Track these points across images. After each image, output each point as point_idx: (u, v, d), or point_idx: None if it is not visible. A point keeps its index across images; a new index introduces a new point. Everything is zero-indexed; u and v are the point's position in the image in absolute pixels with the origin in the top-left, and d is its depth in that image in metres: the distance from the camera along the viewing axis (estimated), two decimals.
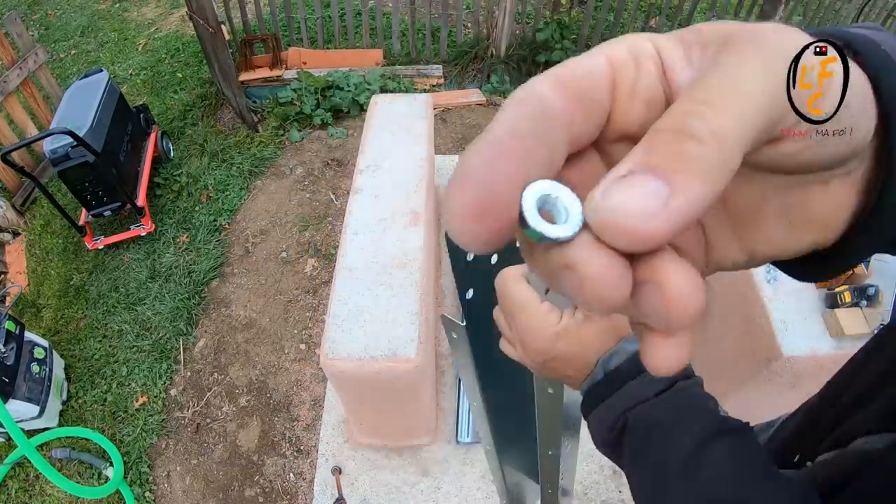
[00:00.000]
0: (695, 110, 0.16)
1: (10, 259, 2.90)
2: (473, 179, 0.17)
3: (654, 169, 0.15)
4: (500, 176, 0.17)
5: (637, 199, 0.15)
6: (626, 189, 0.15)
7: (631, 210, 0.15)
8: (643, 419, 0.45)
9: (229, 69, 3.08)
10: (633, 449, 0.46)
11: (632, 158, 0.16)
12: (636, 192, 0.15)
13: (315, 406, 2.25)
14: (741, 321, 1.59)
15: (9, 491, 2.18)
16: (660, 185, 0.15)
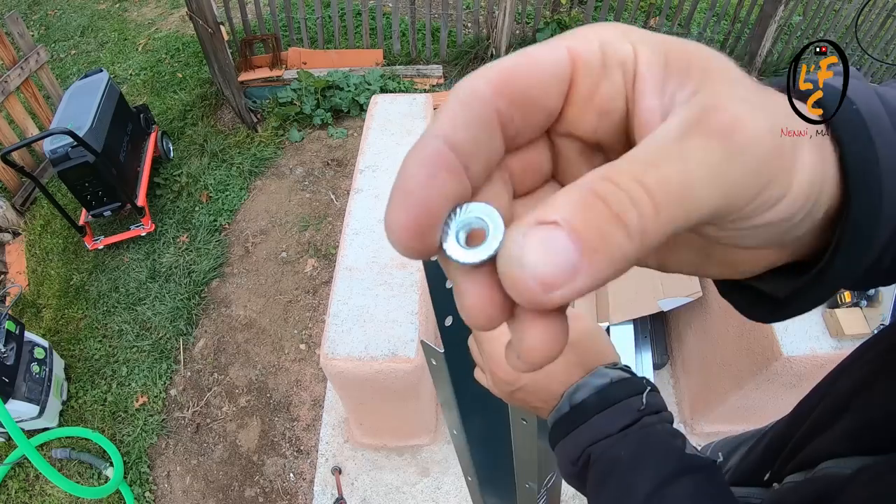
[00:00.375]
0: (640, 198, 0.15)
1: (10, 259, 2.90)
2: (413, 199, 0.17)
3: (577, 236, 0.15)
4: (438, 197, 0.17)
5: (548, 266, 0.15)
6: (543, 247, 0.15)
7: (539, 274, 0.15)
8: (605, 455, 0.45)
9: (229, 69, 3.08)
10: (595, 484, 0.45)
11: (562, 208, 0.15)
12: (551, 257, 0.15)
13: (315, 406, 2.25)
14: (741, 321, 1.60)
15: (9, 491, 2.18)
16: (575, 257, 0.15)
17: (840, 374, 0.45)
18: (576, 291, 0.15)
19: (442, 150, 0.17)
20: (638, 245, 0.15)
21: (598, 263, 0.15)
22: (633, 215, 0.15)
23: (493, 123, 0.18)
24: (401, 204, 0.17)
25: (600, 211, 0.15)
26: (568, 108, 0.19)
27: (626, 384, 0.47)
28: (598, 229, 0.15)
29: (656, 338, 2.05)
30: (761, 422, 0.66)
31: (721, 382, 1.74)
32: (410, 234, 0.17)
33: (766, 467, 0.49)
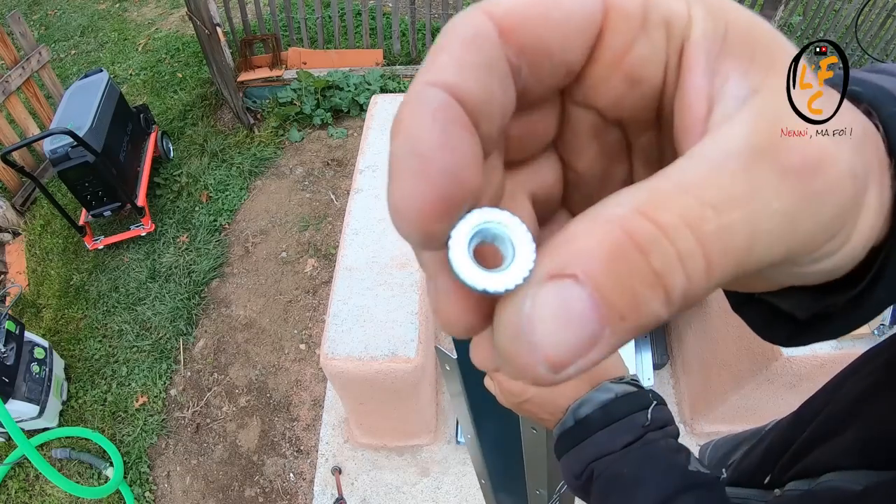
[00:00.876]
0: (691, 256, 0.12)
1: (10, 259, 2.90)
2: (433, 165, 0.12)
3: (602, 301, 0.12)
4: (468, 162, 0.13)
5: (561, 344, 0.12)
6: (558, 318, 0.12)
7: (549, 353, 0.12)
8: (608, 472, 0.44)
9: (226, 70, 3.08)
10: (598, 500, 0.45)
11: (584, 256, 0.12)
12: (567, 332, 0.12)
13: (315, 406, 2.25)
14: (741, 321, 1.59)
15: (9, 491, 2.18)
16: (595, 328, 0.12)
17: (844, 380, 0.44)
18: (587, 366, 0.12)
19: (450, 102, 0.13)
20: (674, 312, 0.12)
21: (622, 333, 0.12)
22: (680, 279, 0.12)
23: (506, 74, 0.14)
24: (416, 172, 0.12)
25: (636, 266, 0.12)
26: (590, 67, 0.15)
27: (631, 399, 0.47)
28: (631, 293, 0.12)
29: (656, 338, 2.05)
30: (761, 422, 0.66)
31: (721, 382, 1.74)
32: (433, 212, 0.12)
33: (766, 470, 0.49)
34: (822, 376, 1.45)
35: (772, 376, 1.50)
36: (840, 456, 0.38)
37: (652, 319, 0.12)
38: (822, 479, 0.38)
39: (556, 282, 0.12)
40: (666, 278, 0.12)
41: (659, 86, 0.15)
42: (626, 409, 0.46)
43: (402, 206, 0.13)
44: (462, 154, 0.13)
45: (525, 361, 0.12)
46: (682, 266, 0.12)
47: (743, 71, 0.14)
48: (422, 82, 0.13)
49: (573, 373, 0.12)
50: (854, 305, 0.18)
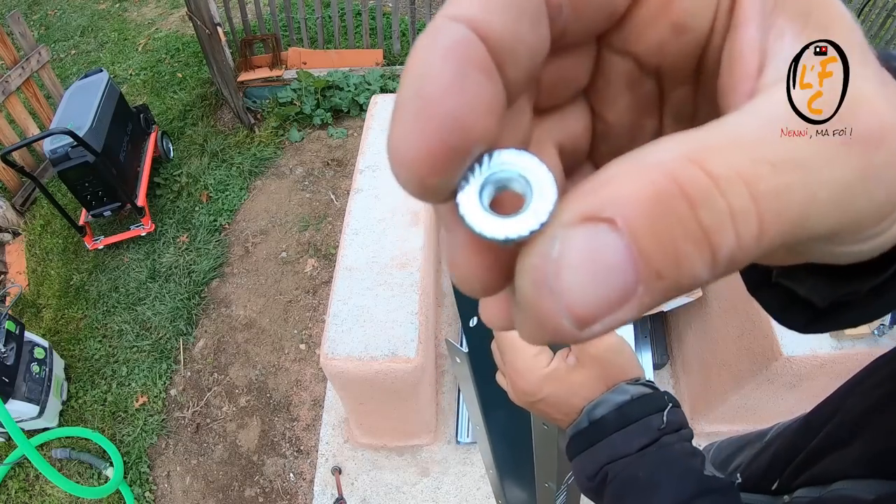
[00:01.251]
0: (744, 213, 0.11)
1: (10, 259, 2.90)
2: (438, 108, 0.11)
3: (641, 253, 0.11)
4: (477, 107, 0.11)
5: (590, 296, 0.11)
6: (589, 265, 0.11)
7: (576, 306, 0.11)
8: (623, 475, 0.44)
9: (227, 70, 3.08)
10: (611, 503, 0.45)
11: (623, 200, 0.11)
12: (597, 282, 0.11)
13: (315, 406, 2.25)
14: (741, 321, 1.59)
15: (9, 491, 2.18)
16: (629, 281, 0.11)
17: (852, 388, 0.44)
18: (613, 325, 0.11)
19: (471, 40, 0.12)
20: (716, 277, 0.11)
21: (656, 293, 0.11)
22: (729, 239, 0.11)
23: (541, 12, 0.13)
24: (418, 115, 0.11)
25: (682, 218, 0.10)
26: (635, 11, 0.14)
27: (647, 401, 0.46)
28: (674, 249, 0.10)
29: (656, 338, 2.05)
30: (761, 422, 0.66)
31: (721, 382, 1.74)
32: (433, 161, 0.11)
33: (774, 476, 0.49)
34: (822, 376, 1.46)
35: (772, 376, 1.50)
36: (851, 465, 0.38)
37: (691, 282, 0.11)
38: (832, 488, 0.38)
39: (590, 225, 0.11)
40: (714, 236, 0.10)
41: (705, 36, 0.14)
42: (641, 411, 0.46)
43: (399, 151, 0.12)
44: (473, 98, 0.11)
45: (547, 311, 0.11)
46: (733, 224, 0.11)
47: (798, 30, 0.13)
48: (442, 16, 0.12)
49: (598, 331, 0.11)
50: (876, 294, 0.17)
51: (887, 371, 0.39)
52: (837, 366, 1.42)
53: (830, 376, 1.45)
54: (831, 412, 0.45)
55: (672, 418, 0.46)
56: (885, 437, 0.36)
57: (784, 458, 0.48)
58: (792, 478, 0.45)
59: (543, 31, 0.13)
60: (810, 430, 0.46)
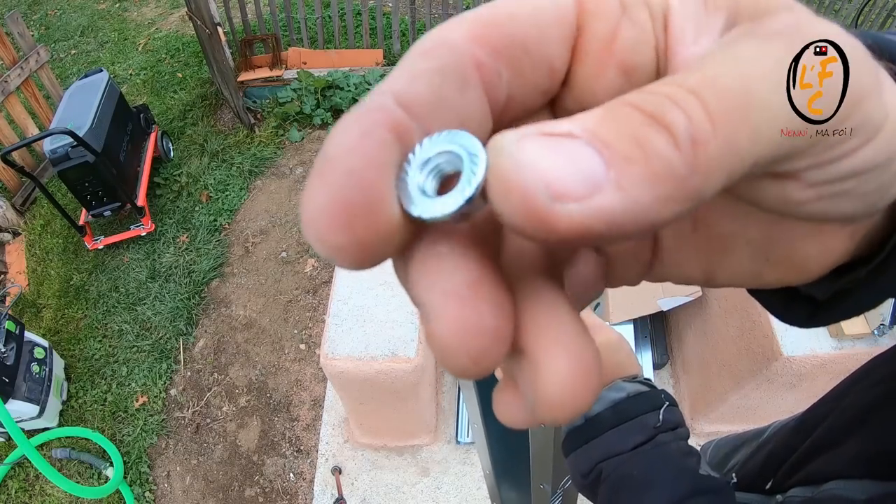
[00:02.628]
0: (684, 98, 0.11)
1: (10, 259, 2.90)
2: (339, 165, 0.11)
3: (601, 143, 0.11)
4: (379, 156, 0.12)
5: (560, 165, 0.10)
6: (552, 148, 0.11)
7: (547, 173, 0.10)
8: (617, 473, 0.44)
9: (227, 70, 3.08)
10: (606, 501, 0.44)
11: (576, 120, 0.11)
12: (563, 157, 0.11)
13: (315, 406, 2.25)
14: (741, 321, 1.59)
15: (9, 491, 2.18)
16: (597, 164, 0.10)
17: (848, 388, 0.44)
18: (597, 211, 0.10)
19: (387, 105, 0.12)
20: (690, 160, 0.11)
21: (632, 177, 0.10)
22: (679, 116, 0.11)
23: (469, 76, 0.13)
24: (319, 175, 0.11)
25: (633, 115, 0.11)
26: (578, 64, 0.14)
27: (643, 399, 0.46)
28: (632, 134, 0.11)
29: (656, 338, 2.05)
30: (761, 421, 0.66)
31: (721, 382, 1.74)
32: (335, 221, 0.11)
33: (768, 476, 0.49)
34: (822, 376, 1.46)
35: (772, 376, 1.50)
36: (844, 465, 0.38)
37: (666, 166, 0.10)
38: (825, 488, 0.38)
39: (546, 137, 0.11)
40: (662, 116, 0.11)
41: (654, 71, 0.14)
42: (637, 409, 0.46)
43: (305, 215, 0.12)
44: (373, 155, 0.11)
45: (522, 183, 0.11)
46: (675, 104, 0.11)
47: (730, 26, 0.13)
48: (373, 91, 0.13)
49: (578, 214, 0.10)
50: (877, 272, 0.17)
51: (882, 372, 0.39)
52: (837, 366, 1.42)
53: (830, 376, 1.45)
54: (826, 411, 0.45)
55: (668, 417, 0.45)
56: (879, 438, 0.36)
57: (779, 457, 0.48)
58: (786, 477, 0.45)
59: (474, 96, 0.13)
60: (805, 430, 0.46)
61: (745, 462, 0.59)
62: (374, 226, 0.12)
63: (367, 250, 0.12)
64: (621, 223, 0.11)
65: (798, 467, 0.44)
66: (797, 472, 0.43)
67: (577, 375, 0.12)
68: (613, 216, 0.11)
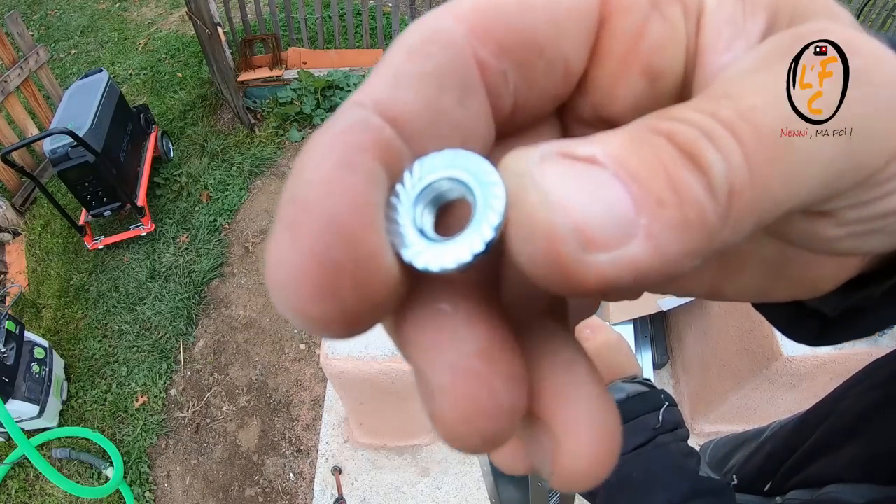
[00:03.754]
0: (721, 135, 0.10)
1: (10, 259, 2.90)
2: (313, 211, 0.09)
3: (632, 179, 0.09)
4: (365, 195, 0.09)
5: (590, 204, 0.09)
6: (577, 177, 0.09)
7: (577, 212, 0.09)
8: (617, 474, 0.43)
9: (227, 70, 3.08)
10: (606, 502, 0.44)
11: (598, 143, 0.10)
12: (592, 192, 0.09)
13: (315, 406, 2.25)
14: (741, 321, 1.59)
15: (9, 491, 2.18)
16: (628, 206, 0.09)
17: (847, 391, 0.44)
18: (628, 264, 0.09)
19: (369, 123, 0.10)
20: (724, 211, 0.09)
21: (666, 227, 0.09)
22: (714, 156, 0.09)
23: (470, 81, 0.11)
24: (288, 230, 0.09)
25: (661, 146, 0.10)
26: (597, 65, 0.12)
27: (643, 400, 0.46)
28: (664, 171, 0.09)
29: (656, 338, 2.05)
30: (761, 422, 0.66)
31: (721, 382, 1.74)
32: (315, 287, 0.09)
33: (767, 477, 0.49)
34: (822, 376, 1.46)
35: (772, 376, 1.50)
36: (843, 469, 0.38)
37: (699, 214, 0.09)
38: (824, 491, 0.38)
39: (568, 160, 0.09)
40: (698, 155, 0.09)
41: (681, 79, 0.12)
42: (637, 409, 0.45)
43: (272, 278, 0.09)
44: (358, 194, 0.09)
45: (550, 225, 0.09)
46: (712, 144, 0.10)
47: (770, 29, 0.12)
48: (347, 102, 0.10)
49: (608, 267, 0.09)
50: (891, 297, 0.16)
51: (882, 375, 0.39)
52: (837, 366, 1.42)
53: (830, 376, 1.45)
54: (825, 414, 0.45)
55: (668, 417, 0.45)
56: (877, 441, 0.36)
57: (778, 458, 0.48)
58: (785, 479, 0.45)
59: (478, 105, 0.11)
60: (804, 431, 0.46)
61: (745, 463, 0.59)
62: (365, 290, 0.09)
63: (357, 320, 0.09)
64: (646, 276, 0.09)
65: (797, 469, 0.44)
66: (796, 474, 0.43)
67: (602, 449, 0.11)
68: (641, 268, 0.09)
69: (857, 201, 0.12)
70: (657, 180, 0.09)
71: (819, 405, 0.48)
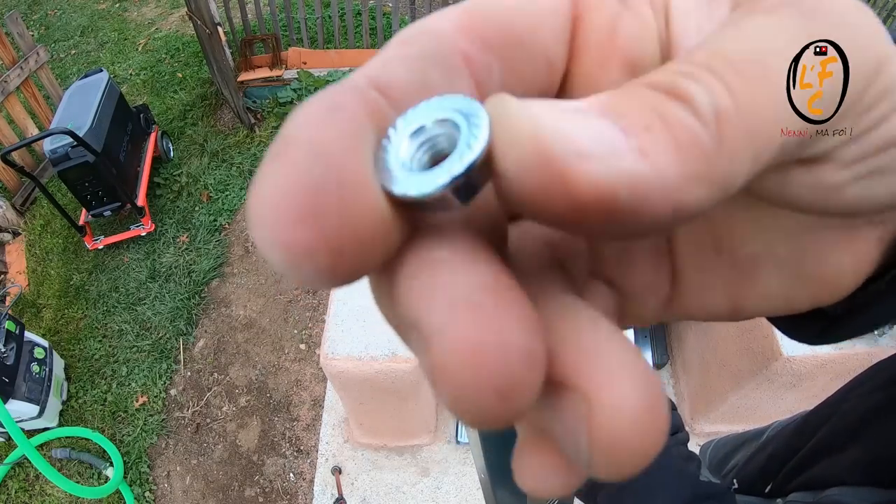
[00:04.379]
0: (698, 72, 0.10)
1: (10, 259, 2.90)
2: (300, 140, 0.09)
3: (616, 113, 0.10)
4: (352, 129, 0.09)
5: (576, 127, 0.09)
6: (562, 112, 0.09)
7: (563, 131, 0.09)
8: None
9: (227, 70, 3.08)
10: None
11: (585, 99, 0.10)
12: (578, 122, 0.09)
13: (315, 406, 2.25)
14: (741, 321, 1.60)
15: (9, 491, 2.18)
16: (616, 132, 0.09)
17: (849, 392, 0.44)
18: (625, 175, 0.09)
19: (359, 85, 0.10)
20: (714, 132, 0.10)
21: (656, 144, 0.09)
22: (697, 88, 0.10)
23: (457, 66, 0.11)
24: (273, 161, 0.09)
25: (647, 93, 0.10)
26: (578, 60, 0.13)
27: None
28: (651, 106, 0.10)
29: (656, 338, 2.05)
30: (761, 421, 0.66)
31: (721, 382, 1.74)
32: (296, 210, 0.08)
33: (768, 478, 0.49)
34: (822, 376, 1.45)
35: (772, 376, 1.50)
36: (845, 471, 0.38)
37: (687, 133, 0.09)
38: (826, 493, 0.38)
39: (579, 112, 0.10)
40: (680, 90, 0.10)
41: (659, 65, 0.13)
42: None
43: (252, 206, 0.09)
44: (346, 128, 0.09)
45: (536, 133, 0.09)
46: (690, 79, 0.10)
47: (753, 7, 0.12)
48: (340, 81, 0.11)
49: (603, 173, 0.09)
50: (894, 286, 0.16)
51: (882, 378, 0.39)
52: (837, 366, 1.42)
53: (830, 376, 1.45)
54: (827, 415, 0.45)
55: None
56: (879, 445, 0.36)
57: (779, 459, 0.48)
58: (786, 480, 0.45)
59: (463, 87, 0.11)
60: (806, 433, 0.46)
61: (746, 463, 0.59)
62: (350, 215, 0.09)
63: (343, 254, 0.09)
64: (647, 194, 0.09)
65: (798, 471, 0.43)
66: (798, 475, 0.43)
67: (648, 407, 0.09)
68: (638, 182, 0.09)
69: (848, 137, 0.12)
70: (643, 111, 0.10)
71: (821, 406, 0.48)
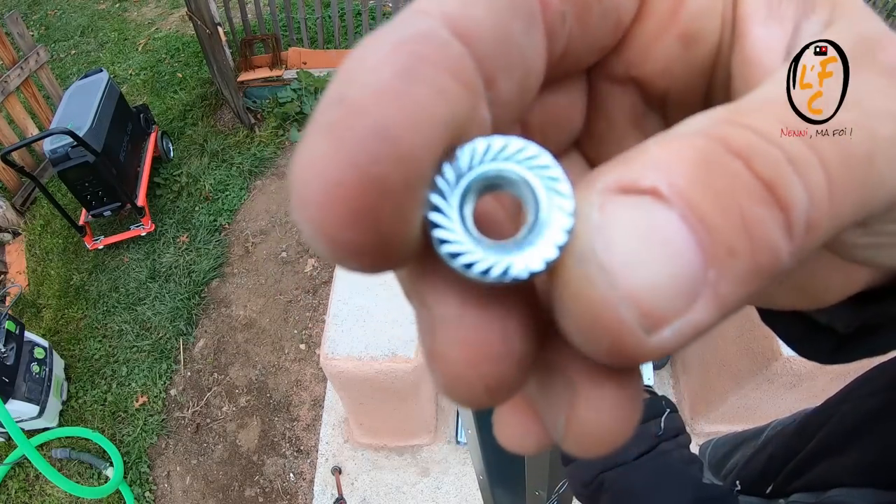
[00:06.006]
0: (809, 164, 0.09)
1: (10, 259, 2.90)
2: (366, 115, 0.07)
3: (698, 220, 0.08)
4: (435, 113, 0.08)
5: (656, 270, 0.08)
6: (644, 241, 0.08)
7: (641, 289, 0.08)
8: (619, 483, 0.43)
9: (227, 70, 3.08)
10: None
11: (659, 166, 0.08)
12: (658, 252, 0.08)
13: (315, 406, 2.25)
14: (741, 321, 1.59)
15: (9, 491, 2.18)
16: (696, 260, 0.08)
17: (849, 394, 0.44)
18: (689, 333, 0.08)
19: (440, 36, 0.08)
20: (797, 250, 0.09)
21: (733, 280, 0.08)
22: (798, 191, 0.08)
23: (534, 13, 0.10)
24: (331, 130, 0.08)
25: (737, 175, 0.08)
26: (638, 25, 0.12)
27: (645, 407, 0.46)
28: (738, 212, 0.08)
29: None
30: (761, 422, 0.66)
31: (721, 382, 1.74)
32: (354, 206, 0.07)
33: (769, 479, 0.48)
34: (822, 376, 1.45)
35: (772, 376, 1.50)
36: (846, 473, 0.38)
37: (770, 258, 0.08)
38: (828, 494, 0.38)
39: (629, 197, 0.08)
40: (780, 189, 0.08)
41: (714, 47, 0.12)
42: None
43: (299, 185, 0.08)
44: (421, 106, 0.08)
45: (602, 304, 0.08)
46: (796, 174, 0.08)
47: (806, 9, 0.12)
48: (409, 9, 0.09)
49: (669, 340, 0.08)
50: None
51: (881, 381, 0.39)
52: (837, 367, 1.42)
53: (830, 377, 1.45)
54: (827, 417, 0.44)
55: (669, 424, 0.45)
56: (880, 447, 0.36)
57: (780, 460, 0.48)
58: (787, 481, 0.45)
59: (539, 41, 0.10)
60: (806, 434, 0.46)
61: (746, 463, 0.59)
62: (409, 220, 0.08)
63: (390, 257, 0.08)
64: (707, 328, 0.08)
65: (799, 472, 0.43)
66: (798, 477, 0.43)
67: (625, 405, 0.10)
68: (702, 331, 0.08)
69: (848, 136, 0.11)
70: (730, 224, 0.08)
71: (820, 408, 0.48)
